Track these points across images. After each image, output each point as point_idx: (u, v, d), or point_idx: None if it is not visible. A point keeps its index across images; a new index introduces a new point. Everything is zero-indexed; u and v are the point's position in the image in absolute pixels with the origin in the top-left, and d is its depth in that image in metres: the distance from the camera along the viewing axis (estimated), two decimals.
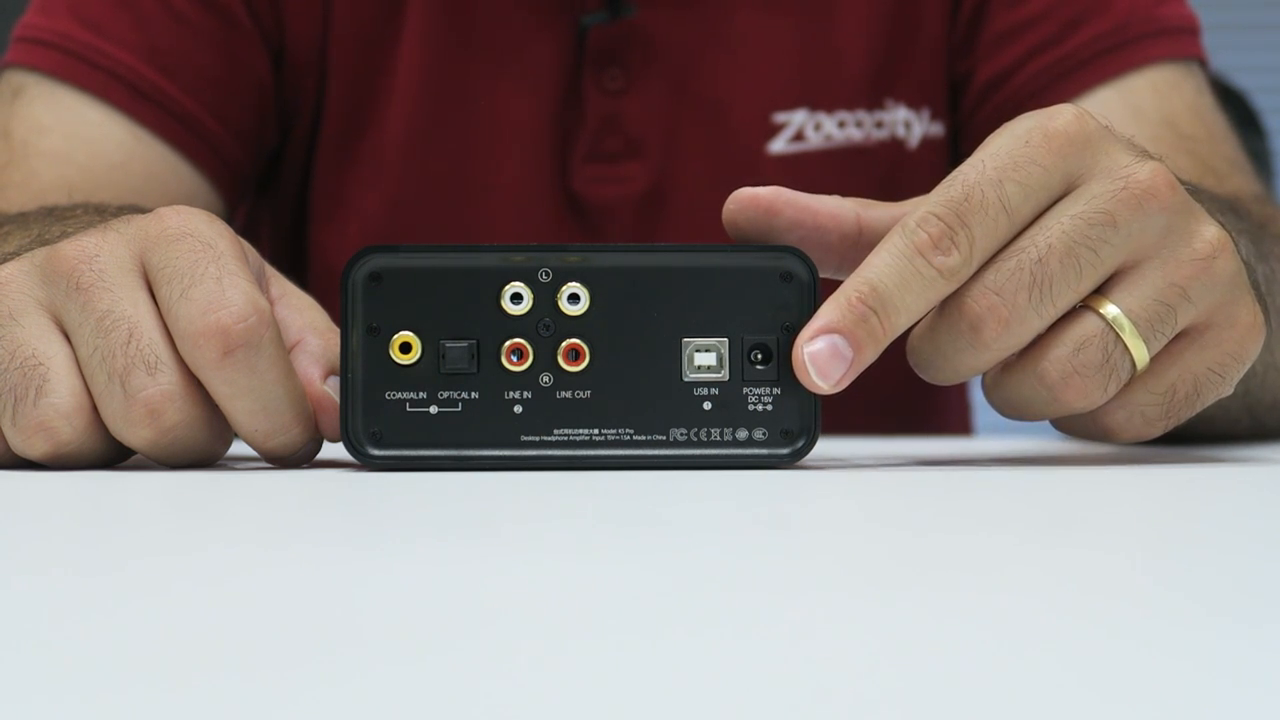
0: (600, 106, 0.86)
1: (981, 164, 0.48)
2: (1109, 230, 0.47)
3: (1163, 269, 0.48)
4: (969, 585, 0.26)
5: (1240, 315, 0.49)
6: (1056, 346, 0.48)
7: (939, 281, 0.47)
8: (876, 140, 0.89)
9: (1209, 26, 0.90)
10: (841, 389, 0.48)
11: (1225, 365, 0.50)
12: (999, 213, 0.47)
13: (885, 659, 0.20)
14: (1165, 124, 0.83)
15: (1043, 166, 0.47)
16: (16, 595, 0.25)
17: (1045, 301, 0.47)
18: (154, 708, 0.17)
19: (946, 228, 0.47)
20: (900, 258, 0.47)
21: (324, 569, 0.28)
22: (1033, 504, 0.41)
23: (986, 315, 0.47)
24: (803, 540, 0.33)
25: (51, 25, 0.83)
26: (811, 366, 0.47)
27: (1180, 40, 0.86)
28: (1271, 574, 0.28)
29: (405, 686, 0.18)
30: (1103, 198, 0.47)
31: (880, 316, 0.47)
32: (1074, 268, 0.47)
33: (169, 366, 0.48)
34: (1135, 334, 0.48)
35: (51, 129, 0.81)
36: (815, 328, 0.47)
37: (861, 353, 0.47)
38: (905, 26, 0.88)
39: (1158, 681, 0.19)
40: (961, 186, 0.47)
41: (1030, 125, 0.48)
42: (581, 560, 0.29)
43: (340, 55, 0.87)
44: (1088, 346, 0.48)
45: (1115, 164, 0.48)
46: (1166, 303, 0.48)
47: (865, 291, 0.47)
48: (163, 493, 0.43)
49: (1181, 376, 0.49)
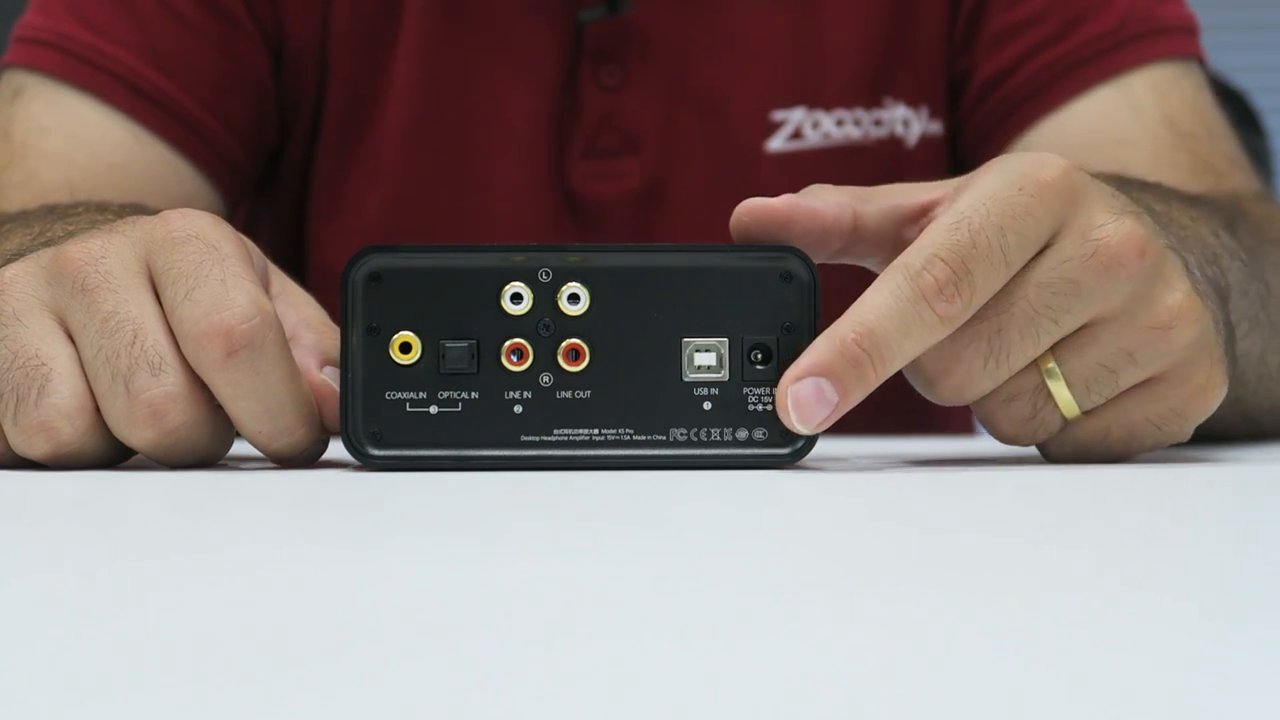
0: (597, 103, 0.86)
1: (984, 208, 0.47)
2: (1072, 299, 0.47)
3: (1117, 334, 0.48)
4: (968, 585, 0.26)
5: (1193, 375, 0.49)
6: (996, 393, 0.49)
7: (939, 327, 0.47)
8: (875, 138, 0.89)
9: (1209, 26, 0.90)
10: (824, 430, 0.48)
11: (1165, 420, 0.50)
12: (1000, 262, 0.47)
13: (885, 659, 0.20)
14: (1164, 122, 0.83)
15: (1036, 218, 0.47)
16: (17, 595, 0.25)
17: (1000, 367, 0.48)
18: (155, 707, 0.17)
19: (953, 274, 0.46)
20: (904, 301, 0.47)
21: (325, 569, 0.28)
22: (1032, 504, 0.41)
23: (941, 377, 0.48)
24: (802, 540, 0.33)
25: (51, 25, 0.83)
26: (794, 410, 0.47)
27: (1179, 39, 0.86)
28: (1266, 576, 0.28)
29: (406, 686, 0.18)
30: (1072, 264, 0.47)
31: (874, 361, 0.47)
32: (1032, 337, 0.47)
33: (173, 368, 0.48)
34: (1069, 395, 0.49)
35: (52, 129, 0.81)
36: (804, 366, 0.47)
37: (848, 397, 0.47)
38: (904, 24, 0.88)
39: (1158, 681, 0.19)
40: (968, 231, 0.47)
41: (1023, 170, 0.48)
42: (581, 560, 0.29)
43: (340, 53, 0.87)
44: (1018, 399, 0.49)
45: (1090, 223, 0.48)
46: (1111, 367, 0.48)
47: (862, 334, 0.47)
48: (164, 493, 0.43)
49: (1118, 421, 0.50)
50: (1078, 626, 0.22)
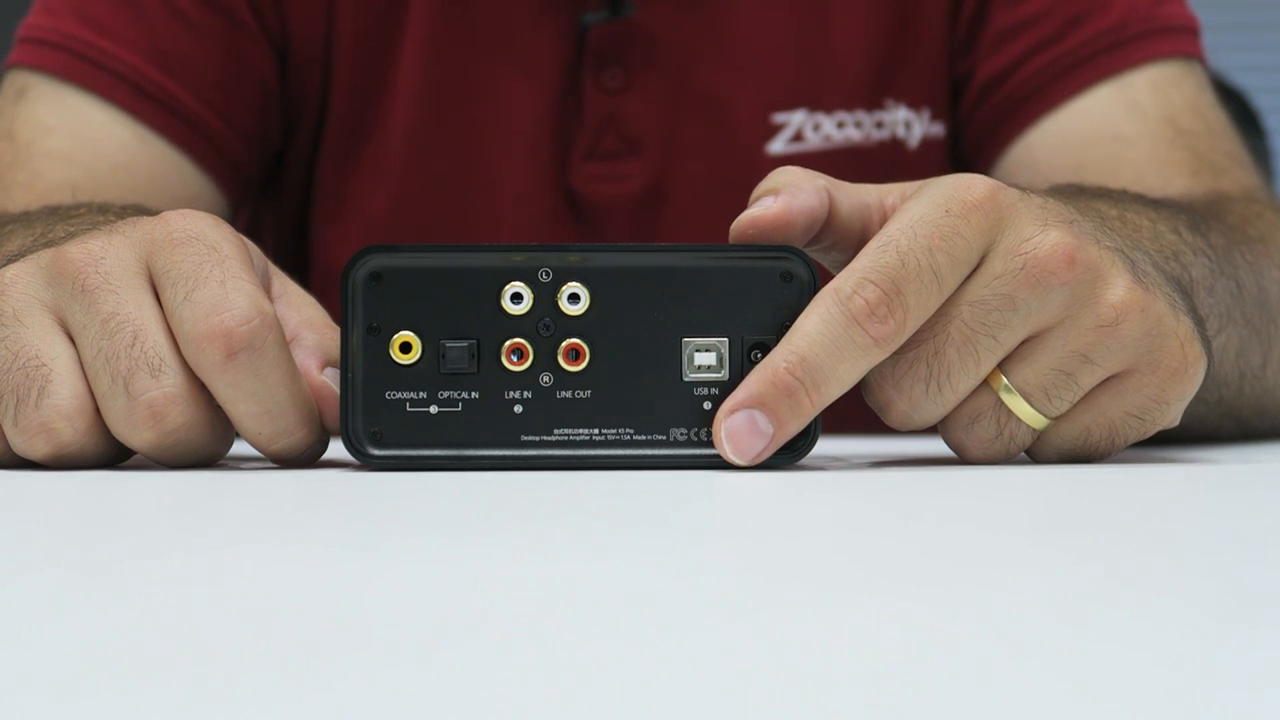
0: (600, 105, 0.86)
1: (912, 230, 0.47)
2: (1009, 314, 0.47)
3: (1064, 338, 0.48)
4: (968, 585, 0.26)
5: (1162, 361, 0.49)
6: (952, 419, 0.49)
7: (873, 350, 0.47)
8: (876, 140, 0.89)
9: (1209, 26, 0.91)
10: (762, 460, 0.48)
11: (1146, 409, 0.49)
12: (931, 282, 0.47)
13: (884, 658, 0.20)
14: (1164, 120, 0.83)
15: (965, 239, 0.47)
16: (17, 595, 0.25)
17: (944, 390, 0.48)
18: (155, 707, 0.17)
19: (883, 295, 0.46)
20: (835, 326, 0.46)
21: (324, 569, 0.28)
22: (1031, 504, 0.41)
23: (887, 406, 0.49)
24: (803, 540, 0.33)
25: (55, 25, 0.83)
26: (728, 443, 0.47)
27: (1180, 39, 0.86)
28: (1265, 574, 0.28)
29: (405, 685, 0.18)
30: (1003, 280, 0.47)
31: (809, 389, 0.47)
32: (972, 356, 0.47)
33: (172, 369, 0.48)
34: (1028, 407, 0.48)
35: (56, 129, 0.81)
36: (738, 399, 0.47)
37: (784, 427, 0.47)
38: (905, 26, 0.88)
39: (1155, 682, 0.19)
40: (896, 253, 0.47)
41: (949, 194, 0.48)
42: (581, 560, 0.29)
43: (344, 53, 0.87)
44: (980, 420, 0.49)
45: (1018, 238, 0.48)
46: (1066, 371, 0.48)
47: (794, 362, 0.47)
48: (163, 493, 0.43)
49: (1096, 421, 0.49)
50: (1077, 627, 0.22)
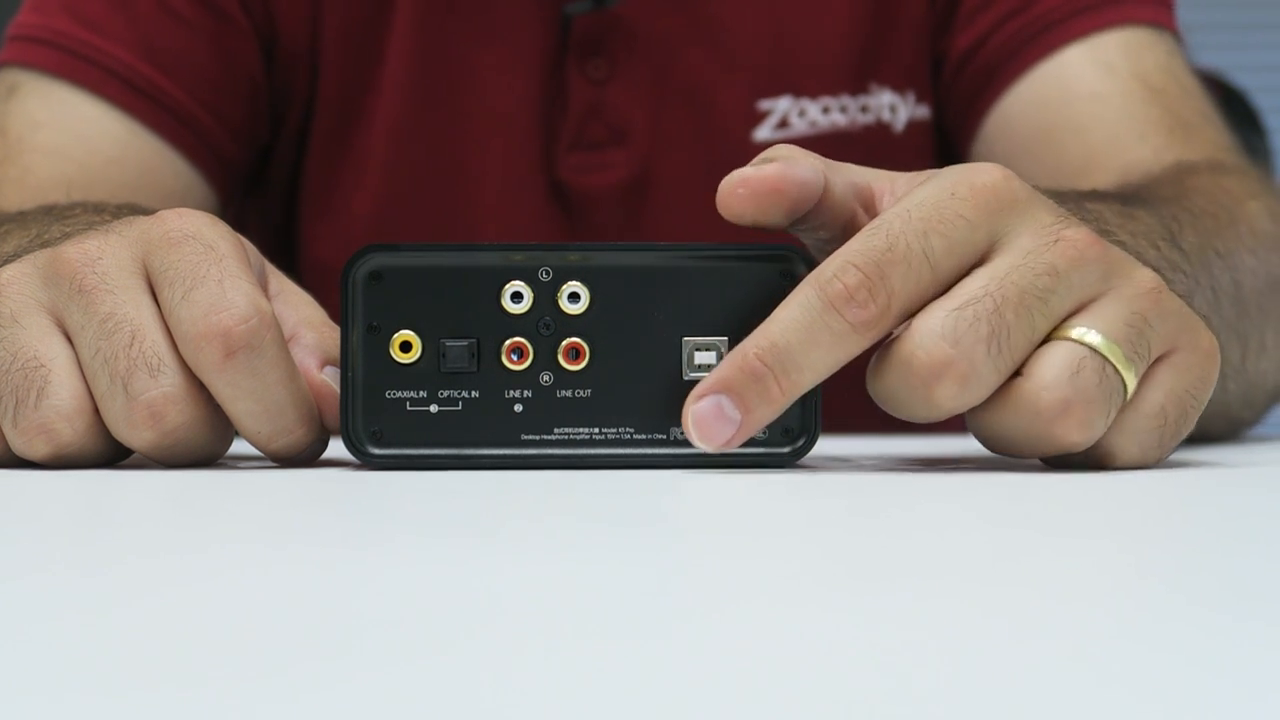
0: (584, 95, 0.86)
1: (907, 213, 0.45)
2: (1053, 279, 0.45)
3: (1118, 302, 0.46)
4: (967, 585, 0.26)
5: (1201, 341, 0.47)
6: (1047, 371, 0.44)
7: (851, 336, 0.44)
8: (862, 125, 0.89)
9: (1210, 26, 0.91)
10: (734, 448, 0.46)
11: (1198, 389, 0.48)
12: (922, 265, 0.44)
13: (884, 658, 0.20)
14: (1136, 78, 0.84)
15: (969, 220, 0.45)
16: (17, 594, 0.25)
17: (1003, 354, 0.44)
18: (154, 707, 0.17)
19: (865, 278, 0.44)
20: (810, 312, 0.45)
21: (324, 568, 0.28)
22: (1032, 504, 0.41)
23: (943, 371, 0.44)
24: (803, 540, 0.33)
25: (46, 23, 0.83)
26: (695, 428, 0.45)
27: (1151, 7, 0.87)
28: (1266, 573, 0.28)
29: (405, 685, 0.18)
30: (1039, 251, 0.45)
31: (779, 376, 0.45)
32: (1027, 318, 0.44)
33: (171, 369, 0.48)
34: (1121, 355, 0.45)
35: (47, 125, 0.81)
36: (707, 385, 0.45)
37: (752, 414, 0.45)
38: (886, 9, 0.89)
39: (1155, 681, 0.19)
40: (885, 236, 0.45)
41: (956, 178, 0.46)
42: (581, 560, 0.29)
43: (330, 50, 0.87)
44: (1083, 370, 0.44)
45: (1041, 222, 0.46)
46: (1135, 326, 0.45)
47: (764, 348, 0.45)
48: (163, 492, 0.43)
49: (1169, 400, 0.47)
50: (1077, 627, 0.22)
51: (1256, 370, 0.69)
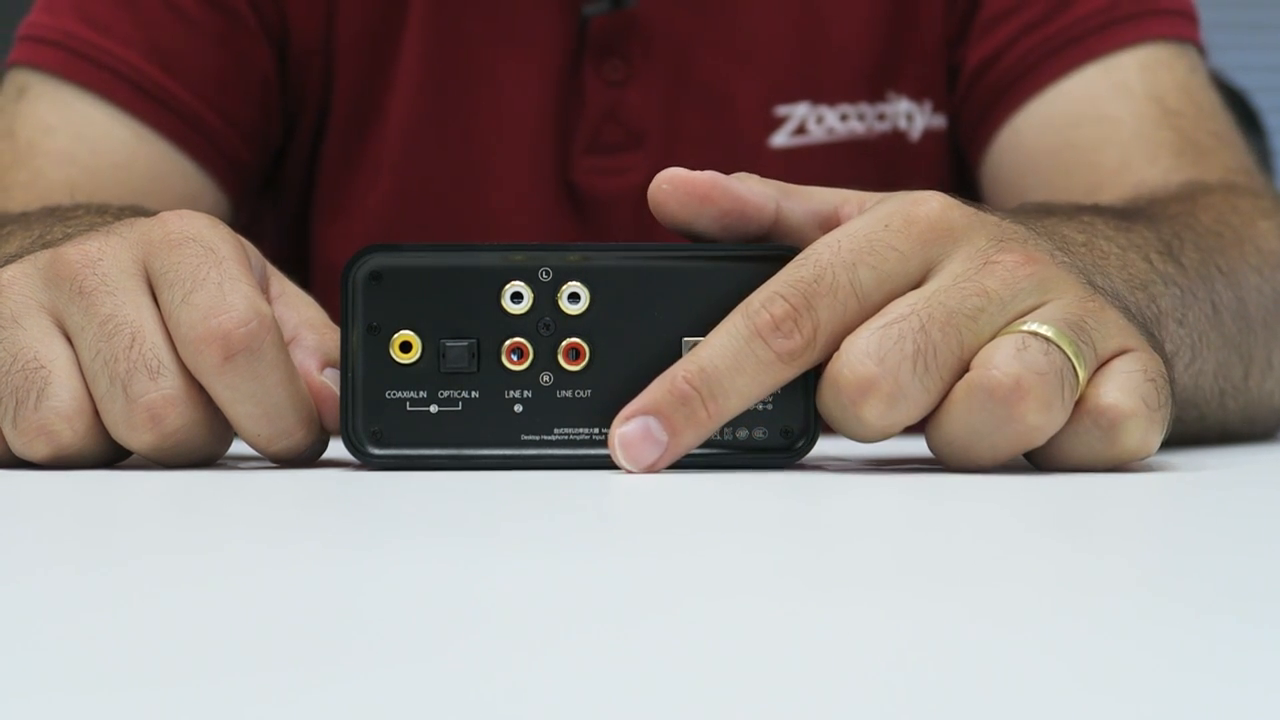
0: (601, 97, 0.86)
1: (837, 244, 0.46)
2: (983, 299, 0.45)
3: (1056, 307, 0.45)
4: (967, 586, 0.26)
5: (1148, 345, 0.47)
6: (994, 354, 0.44)
7: (777, 365, 0.45)
8: (878, 133, 0.89)
9: (1209, 26, 0.90)
10: (660, 469, 0.46)
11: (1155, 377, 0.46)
12: (849, 297, 0.45)
13: (884, 659, 0.20)
14: (1151, 100, 0.83)
15: (900, 252, 0.45)
16: (16, 594, 0.25)
17: (930, 373, 0.44)
18: (154, 707, 0.17)
19: (791, 309, 0.45)
20: (737, 339, 0.46)
21: (324, 568, 0.28)
22: (1031, 504, 0.41)
23: (868, 389, 0.44)
24: (802, 540, 0.33)
25: (55, 24, 0.83)
26: (621, 450, 0.46)
27: (1173, 21, 0.85)
28: (1266, 574, 0.28)
29: (405, 685, 0.18)
30: (968, 275, 0.45)
31: (706, 400, 0.46)
32: (955, 335, 0.44)
33: (171, 371, 0.48)
34: (1069, 341, 0.44)
35: (56, 128, 0.81)
36: (635, 407, 0.46)
37: (678, 436, 0.46)
38: (906, 19, 0.88)
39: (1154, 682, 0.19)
40: (814, 267, 0.45)
41: (892, 209, 0.47)
42: (581, 560, 0.29)
43: (346, 50, 0.87)
44: (1029, 348, 0.44)
45: (976, 247, 0.46)
46: (1076, 326, 0.45)
47: (693, 373, 0.46)
48: (163, 493, 0.43)
49: (1124, 391, 0.45)
50: (1076, 627, 0.22)
51: (1261, 389, 0.68)
